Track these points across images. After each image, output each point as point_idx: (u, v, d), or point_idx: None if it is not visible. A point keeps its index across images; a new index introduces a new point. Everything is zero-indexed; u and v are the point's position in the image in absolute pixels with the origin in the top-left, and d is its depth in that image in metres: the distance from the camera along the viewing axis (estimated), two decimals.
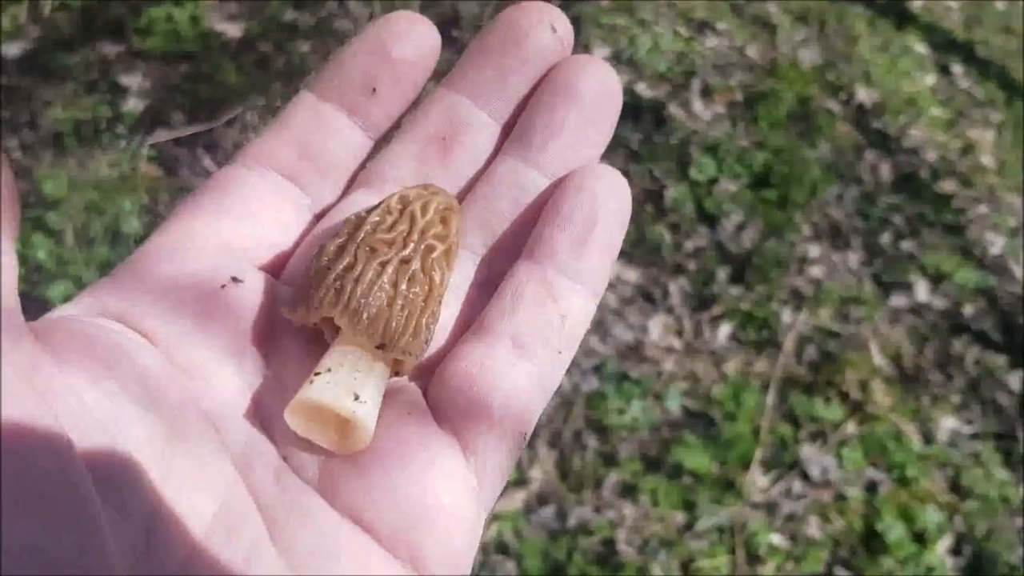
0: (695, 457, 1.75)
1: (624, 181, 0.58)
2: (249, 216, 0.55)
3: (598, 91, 0.58)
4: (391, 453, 0.50)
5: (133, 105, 2.06)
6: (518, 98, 0.59)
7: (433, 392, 0.53)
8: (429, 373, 0.54)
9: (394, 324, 0.51)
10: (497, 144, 0.59)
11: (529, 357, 0.53)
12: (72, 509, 0.37)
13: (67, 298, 0.55)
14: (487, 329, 0.54)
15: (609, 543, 1.67)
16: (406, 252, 0.53)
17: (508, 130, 0.59)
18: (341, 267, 0.52)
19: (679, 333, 1.93)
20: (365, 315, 0.51)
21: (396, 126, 0.60)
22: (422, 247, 0.54)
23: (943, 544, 1.73)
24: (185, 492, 0.44)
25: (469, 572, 0.50)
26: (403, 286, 0.53)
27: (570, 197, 0.56)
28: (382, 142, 0.60)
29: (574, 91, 0.58)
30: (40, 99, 2.06)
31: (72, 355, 0.44)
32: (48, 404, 0.40)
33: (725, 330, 1.94)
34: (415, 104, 0.60)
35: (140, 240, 1.87)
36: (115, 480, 0.41)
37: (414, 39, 0.58)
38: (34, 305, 1.72)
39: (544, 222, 0.56)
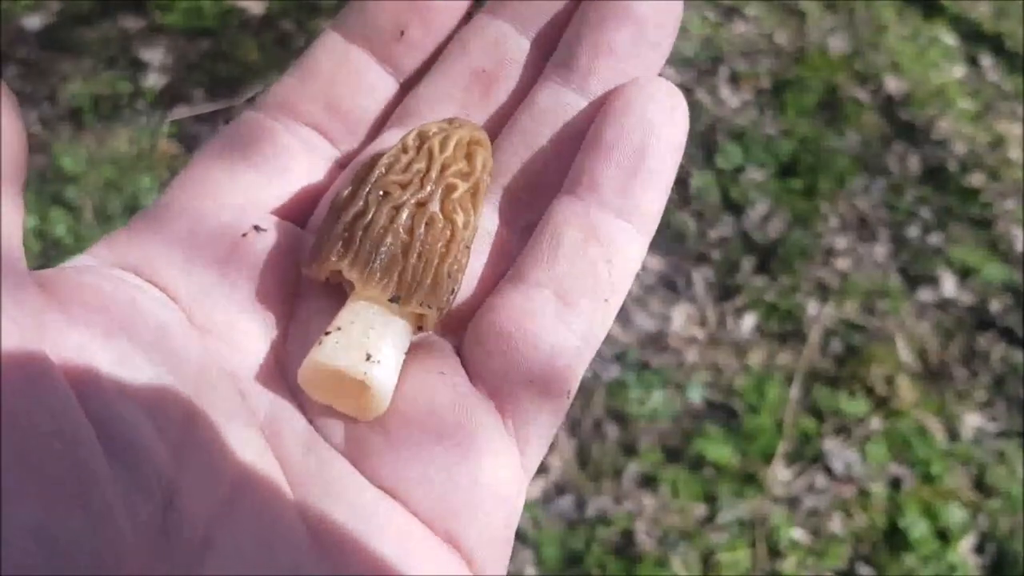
0: (717, 449, 1.73)
1: (681, 97, 0.50)
2: (275, 169, 0.51)
3: (656, 8, 0.51)
4: (422, 420, 0.45)
5: (153, 81, 2.04)
6: (566, 23, 0.53)
7: (466, 349, 0.48)
8: (460, 326, 0.49)
9: (410, 274, 0.46)
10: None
11: (573, 309, 0.47)
12: (80, 487, 0.34)
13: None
14: (524, 278, 0.48)
15: (628, 534, 1.65)
16: (423, 194, 0.48)
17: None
18: (351, 215, 0.47)
19: (702, 323, 1.90)
20: (376, 265, 0.46)
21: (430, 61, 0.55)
22: (441, 187, 0.48)
23: (966, 542, 1.70)
24: (206, 462, 0.40)
25: (510, 550, 0.45)
26: (420, 231, 0.47)
27: (616, 119, 0.49)
28: (413, 81, 0.55)
29: (627, 8, 0.50)
30: (59, 73, 2.04)
31: (83, 310, 0.41)
32: (55, 368, 0.37)
33: (749, 321, 1.91)
34: (454, 32, 0.54)
35: None
36: (129, 451, 0.37)
37: None
38: None
39: (587, 150, 0.50)
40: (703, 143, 2.12)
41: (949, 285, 2.01)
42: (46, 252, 1.80)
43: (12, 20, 2.10)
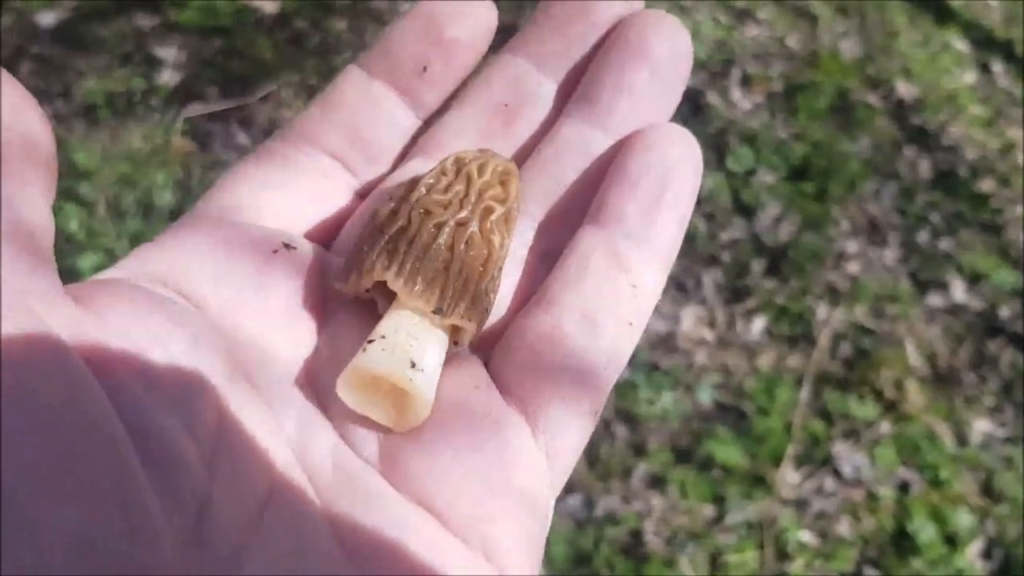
0: (726, 450, 1.73)
1: (695, 143, 0.53)
2: (299, 194, 0.53)
3: (671, 51, 0.54)
4: (458, 431, 0.46)
5: (167, 78, 2.05)
6: (585, 64, 0.55)
7: (497, 365, 0.49)
8: (488, 345, 0.51)
9: (451, 288, 0.48)
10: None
11: (599, 329, 0.49)
12: (118, 492, 0.35)
13: (97, 269, 0.52)
14: (553, 300, 0.50)
15: (636, 534, 1.65)
16: (463, 214, 0.50)
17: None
18: (394, 229, 0.49)
19: (712, 325, 1.90)
20: (421, 278, 0.47)
21: (451, 98, 0.57)
22: (480, 209, 0.50)
23: (974, 547, 1.70)
24: (238, 472, 0.41)
25: (541, 561, 0.46)
26: (460, 248, 0.49)
27: (639, 157, 0.52)
28: (434, 118, 0.57)
29: (645, 50, 0.54)
30: (74, 70, 2.05)
31: (117, 316, 0.41)
32: (89, 372, 0.37)
33: (759, 323, 1.91)
34: (477, 69, 0.57)
35: (173, 213, 1.87)
36: (164, 458, 0.38)
37: (470, 19, 0.55)
38: (64, 275, 1.72)
39: (610, 184, 0.52)
40: (715, 146, 2.12)
41: (959, 290, 2.01)
42: (59, 247, 1.80)
43: (27, 17, 2.10)
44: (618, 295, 0.50)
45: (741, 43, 2.33)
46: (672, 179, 0.52)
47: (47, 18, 2.12)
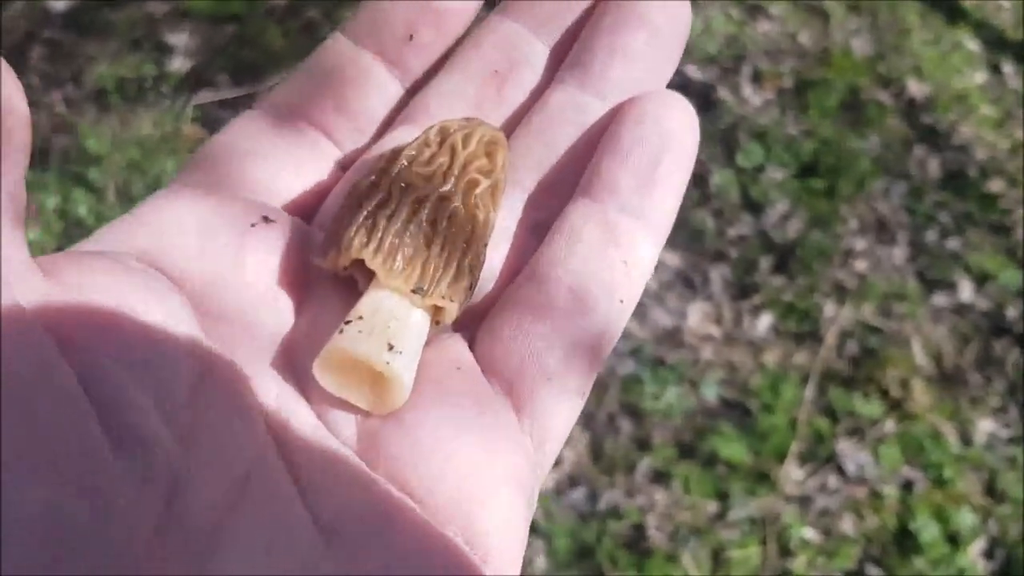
0: (730, 446, 1.73)
1: (692, 110, 0.51)
2: (281, 166, 0.51)
3: (668, 15, 0.52)
4: (439, 414, 0.44)
5: (178, 65, 2.05)
6: (579, 28, 0.53)
7: (480, 345, 0.48)
8: (474, 323, 0.49)
9: (432, 266, 0.46)
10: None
11: (589, 307, 0.47)
12: (88, 472, 0.34)
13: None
14: (541, 275, 0.48)
15: (639, 528, 1.66)
16: (446, 188, 0.48)
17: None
18: (373, 204, 0.47)
19: (718, 321, 1.90)
20: (400, 256, 0.46)
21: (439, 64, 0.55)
22: (464, 182, 0.48)
23: (976, 547, 1.70)
24: (213, 454, 0.39)
25: (524, 547, 0.44)
26: (443, 224, 0.47)
27: (633, 126, 0.50)
28: (421, 84, 0.55)
29: (642, 13, 0.52)
30: (85, 55, 2.05)
31: (88, 287, 0.40)
32: (61, 353, 0.36)
33: (765, 320, 1.91)
34: (466, 33, 0.55)
35: None
36: (134, 438, 0.36)
37: None
38: None
39: (603, 154, 0.50)
40: (724, 141, 2.12)
41: (966, 290, 2.01)
42: (67, 232, 1.81)
43: (39, 1, 2.10)
44: (610, 271, 0.48)
45: (753, 39, 2.32)
46: (668, 149, 0.50)
47: (59, 3, 2.12)
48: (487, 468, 0.43)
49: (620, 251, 0.49)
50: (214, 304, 0.44)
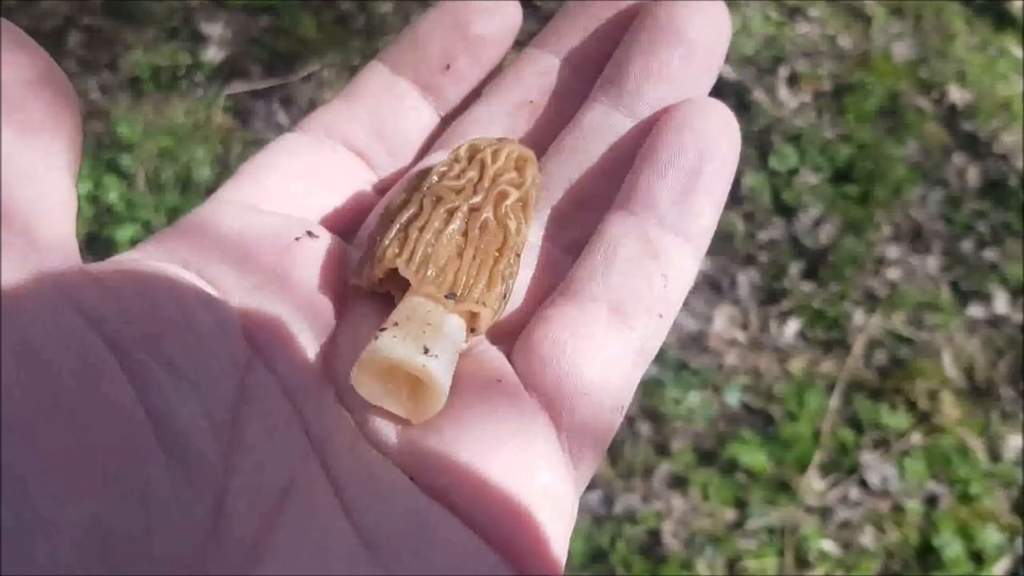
0: (751, 454, 1.71)
1: (733, 117, 0.50)
2: (320, 185, 0.52)
3: (704, 30, 0.51)
4: (480, 427, 0.44)
5: (212, 54, 2.06)
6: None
7: (518, 359, 0.47)
8: (509, 338, 0.49)
9: (465, 273, 0.47)
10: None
11: (628, 324, 0.47)
12: (137, 481, 0.34)
13: (134, 241, 0.52)
14: (578, 291, 0.48)
15: (655, 534, 1.64)
16: (476, 199, 0.48)
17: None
18: (406, 217, 0.48)
19: (744, 326, 1.88)
20: (432, 264, 0.46)
21: (474, 94, 0.56)
22: (494, 194, 0.48)
23: (1001, 565, 1.67)
24: (256, 464, 0.40)
25: (564, 563, 0.44)
26: (474, 233, 0.48)
27: (672, 136, 0.49)
28: (456, 114, 0.56)
29: (677, 29, 0.51)
30: (121, 42, 2.07)
31: (136, 296, 0.40)
32: (111, 366, 0.36)
33: (793, 326, 1.88)
34: (502, 64, 0.56)
35: (211, 189, 1.88)
36: (183, 447, 0.37)
37: (497, 16, 0.54)
38: (102, 245, 1.74)
39: (641, 165, 0.49)
40: (758, 143, 2.09)
41: (1002, 302, 1.97)
42: (99, 218, 1.82)
43: None
44: (648, 285, 0.48)
45: (791, 40, 2.29)
46: (708, 160, 0.49)
47: None
48: (527, 483, 0.43)
49: (659, 265, 0.48)
50: (258, 315, 0.45)
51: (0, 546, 0.30)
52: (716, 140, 0.49)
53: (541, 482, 0.43)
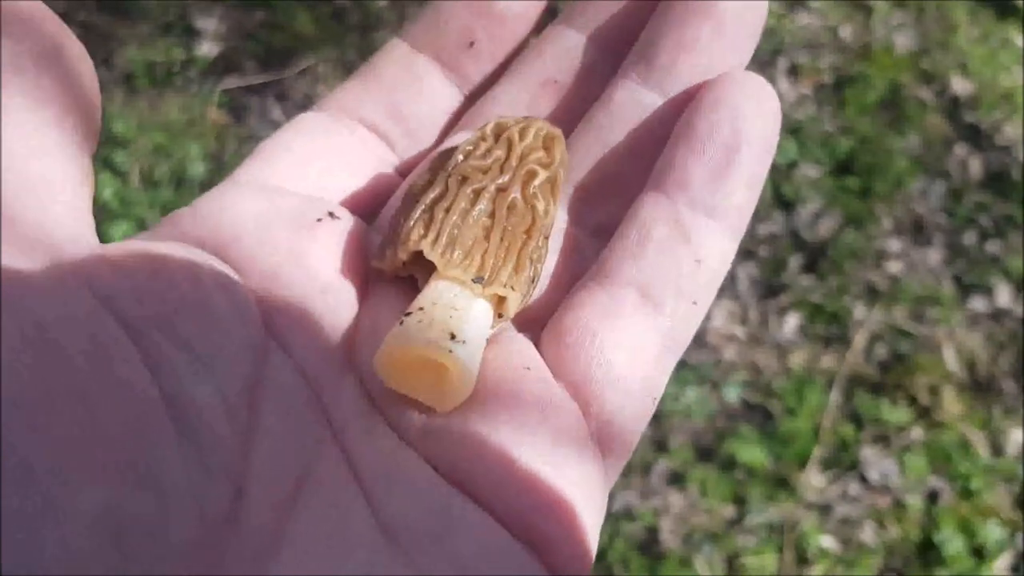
0: (750, 450, 1.70)
1: (772, 91, 0.48)
2: (339, 166, 0.51)
3: (737, 4, 0.49)
4: (507, 416, 0.42)
5: (207, 50, 2.05)
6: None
7: (547, 346, 0.46)
8: (536, 324, 0.47)
9: (493, 256, 0.45)
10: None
11: (659, 309, 0.45)
12: (150, 467, 0.33)
13: (128, 238, 0.51)
14: (609, 275, 0.46)
15: (653, 531, 1.63)
16: (503, 179, 0.47)
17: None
18: (431, 198, 0.46)
19: (743, 321, 1.87)
20: (459, 246, 0.45)
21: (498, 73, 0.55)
22: (522, 173, 0.47)
23: (1003, 561, 1.66)
24: (274, 451, 0.39)
25: (593, 558, 0.43)
26: (501, 215, 0.46)
27: (708, 113, 0.47)
28: (479, 93, 0.54)
29: (708, 3, 0.49)
30: (115, 38, 2.06)
31: (150, 279, 0.39)
32: (124, 346, 0.36)
33: (792, 321, 1.87)
34: (526, 42, 0.54)
35: (205, 185, 1.87)
36: (199, 434, 0.36)
37: None
38: None
39: (676, 144, 0.47)
40: None
41: (1004, 295, 1.95)
42: (93, 215, 1.81)
43: None
44: (681, 269, 0.46)
45: (791, 32, 2.27)
46: (746, 139, 0.47)
47: None
48: (555, 474, 0.42)
49: (692, 249, 0.47)
50: (276, 297, 0.44)
51: (5, 532, 0.30)
52: (752, 117, 0.47)
53: (569, 475, 0.42)
